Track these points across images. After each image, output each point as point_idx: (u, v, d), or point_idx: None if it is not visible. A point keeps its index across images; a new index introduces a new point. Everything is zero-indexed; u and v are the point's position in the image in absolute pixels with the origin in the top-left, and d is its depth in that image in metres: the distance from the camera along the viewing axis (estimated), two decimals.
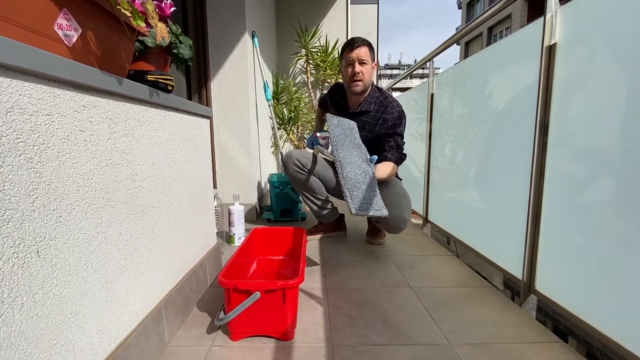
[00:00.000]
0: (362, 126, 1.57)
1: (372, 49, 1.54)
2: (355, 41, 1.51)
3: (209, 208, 1.24)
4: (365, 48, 1.50)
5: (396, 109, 1.51)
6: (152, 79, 0.81)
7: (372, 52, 1.53)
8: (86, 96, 0.58)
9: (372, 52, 1.54)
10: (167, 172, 0.88)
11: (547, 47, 0.97)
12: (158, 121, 0.84)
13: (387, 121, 1.50)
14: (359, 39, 1.53)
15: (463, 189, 1.59)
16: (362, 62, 1.49)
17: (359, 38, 1.54)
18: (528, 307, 1.04)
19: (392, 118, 1.50)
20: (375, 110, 1.54)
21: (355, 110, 1.58)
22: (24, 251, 0.44)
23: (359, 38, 1.54)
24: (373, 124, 1.55)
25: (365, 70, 1.50)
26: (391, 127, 1.50)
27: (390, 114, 1.50)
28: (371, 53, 1.53)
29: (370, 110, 1.55)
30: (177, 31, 1.00)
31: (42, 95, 0.48)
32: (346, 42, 1.55)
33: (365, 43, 1.51)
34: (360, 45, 1.50)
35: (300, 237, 1.29)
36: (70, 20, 0.58)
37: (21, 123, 0.45)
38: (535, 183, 1.02)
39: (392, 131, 1.51)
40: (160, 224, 0.83)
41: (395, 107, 1.52)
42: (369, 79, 1.53)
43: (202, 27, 1.94)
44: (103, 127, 0.62)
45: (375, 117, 1.55)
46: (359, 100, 1.58)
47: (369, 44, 1.52)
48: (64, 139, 0.52)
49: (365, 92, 1.57)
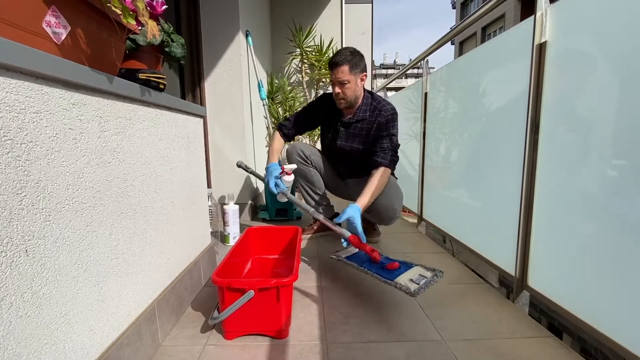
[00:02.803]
0: (358, 133, 1.57)
1: (357, 63, 1.47)
2: (336, 61, 1.46)
3: (203, 207, 1.24)
4: (345, 67, 1.45)
5: (389, 111, 1.51)
6: (143, 77, 0.80)
7: (355, 67, 1.46)
8: (75, 94, 0.57)
9: (357, 66, 1.47)
10: (160, 171, 0.88)
11: (538, 45, 0.98)
12: (150, 120, 0.83)
13: (381, 124, 1.50)
14: (342, 55, 1.46)
15: (457, 187, 1.60)
16: (342, 82, 1.46)
17: (342, 54, 1.47)
18: (521, 303, 1.05)
19: (386, 120, 1.50)
20: (370, 115, 1.54)
21: (351, 119, 1.57)
22: (12, 250, 0.44)
23: (342, 54, 1.47)
24: (368, 128, 1.55)
25: (346, 89, 1.48)
26: (384, 129, 1.50)
27: (383, 117, 1.50)
28: (354, 69, 1.46)
29: (365, 117, 1.55)
30: (169, 29, 1.00)
31: (30, 92, 0.48)
32: (330, 59, 1.50)
33: (345, 61, 1.45)
34: (341, 64, 1.45)
35: (295, 236, 1.29)
36: (59, 17, 0.57)
37: (8, 120, 0.44)
38: (527, 180, 1.03)
39: (386, 132, 1.50)
40: (153, 223, 0.83)
41: (388, 109, 1.51)
42: (352, 95, 1.50)
43: (195, 26, 1.93)
44: (93, 126, 0.61)
45: (370, 121, 1.54)
46: (351, 111, 1.57)
47: (351, 60, 1.45)
48: (52, 137, 0.52)
49: (354, 105, 1.55)
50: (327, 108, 1.65)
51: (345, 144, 1.61)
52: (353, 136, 1.59)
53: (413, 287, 0.88)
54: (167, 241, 0.91)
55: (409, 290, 0.86)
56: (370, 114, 1.54)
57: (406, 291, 0.87)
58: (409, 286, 0.88)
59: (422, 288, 0.87)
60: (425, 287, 0.87)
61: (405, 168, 2.35)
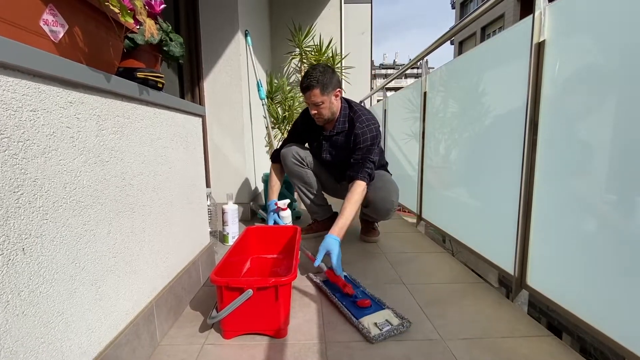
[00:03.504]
0: (339, 145, 1.59)
1: (327, 84, 1.44)
2: (307, 85, 1.44)
3: (202, 207, 1.24)
4: (316, 90, 1.43)
5: (365, 123, 1.49)
6: (141, 76, 0.80)
7: (325, 89, 1.44)
8: (73, 92, 0.57)
9: (327, 87, 1.44)
10: (158, 170, 0.88)
11: (537, 44, 0.98)
12: (148, 119, 0.83)
13: (357, 136, 1.48)
14: (310, 77, 1.43)
15: (456, 187, 1.60)
16: (316, 104, 1.46)
17: (310, 75, 1.43)
18: (520, 302, 1.05)
19: (362, 133, 1.48)
20: (348, 126, 1.55)
21: (332, 132, 1.58)
22: (9, 248, 0.44)
23: (310, 75, 1.43)
24: (345, 141, 1.56)
25: (322, 109, 1.48)
26: (361, 143, 1.47)
27: (359, 129, 1.48)
28: (324, 90, 1.44)
29: (345, 129, 1.56)
30: (168, 28, 1.00)
31: (27, 90, 0.48)
32: (300, 82, 1.49)
33: (316, 83, 1.42)
34: (311, 88, 1.43)
35: (293, 236, 1.29)
36: (57, 16, 0.57)
37: (5, 118, 0.44)
38: (526, 179, 1.03)
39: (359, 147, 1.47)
40: (151, 223, 0.83)
41: (364, 121, 1.49)
42: (327, 113, 1.50)
43: (194, 25, 1.93)
44: (91, 124, 0.61)
45: (348, 134, 1.55)
46: (331, 125, 1.59)
47: (320, 81, 1.42)
48: (49, 136, 0.51)
49: (332, 119, 1.55)
50: (308, 124, 1.66)
51: (329, 156, 1.64)
52: (336, 148, 1.61)
53: (374, 332, 0.86)
54: (166, 240, 0.91)
55: (369, 335, 0.85)
56: (349, 125, 1.55)
57: (366, 334, 0.85)
58: (371, 330, 0.86)
59: (383, 335, 0.85)
60: (386, 335, 0.86)
61: (405, 167, 2.35)
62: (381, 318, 0.92)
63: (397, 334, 0.88)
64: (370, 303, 0.99)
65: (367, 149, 1.47)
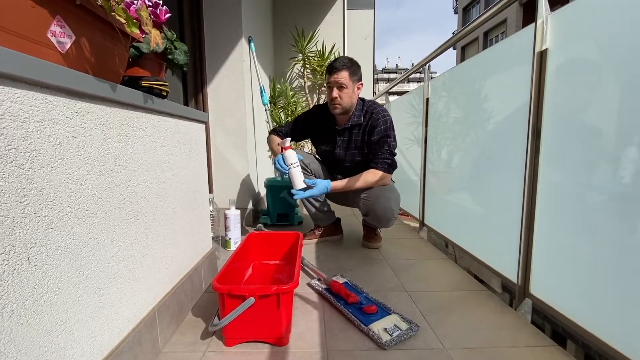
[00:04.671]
0: (353, 139, 1.58)
1: (355, 71, 1.50)
2: (336, 65, 1.48)
3: (205, 213, 1.24)
4: (345, 72, 1.47)
5: (380, 114, 1.51)
6: (146, 85, 0.81)
7: (354, 75, 1.49)
8: (79, 102, 0.58)
9: (355, 74, 1.50)
10: (162, 177, 0.88)
11: (539, 52, 0.98)
12: (152, 126, 0.84)
13: (374, 127, 1.50)
14: (342, 61, 1.49)
15: (458, 193, 1.60)
16: (341, 86, 1.47)
17: (341, 60, 1.49)
18: (523, 311, 1.04)
19: (378, 124, 1.50)
20: (364, 119, 1.55)
21: (347, 125, 1.57)
22: (14, 258, 0.44)
23: (341, 60, 1.49)
24: (362, 134, 1.56)
25: (344, 94, 1.49)
26: (377, 133, 1.50)
27: (375, 120, 1.50)
28: (352, 76, 1.49)
29: (360, 122, 1.55)
30: (172, 37, 1.01)
31: (34, 102, 0.49)
32: (329, 64, 1.52)
33: (346, 66, 1.47)
34: (341, 69, 1.46)
35: (295, 242, 1.29)
36: (64, 27, 0.58)
37: (13, 130, 0.45)
38: (529, 186, 1.03)
39: (377, 137, 1.50)
40: (154, 229, 0.83)
41: (379, 111, 1.52)
42: (348, 101, 1.51)
43: (198, 32, 1.95)
44: (96, 133, 0.62)
45: (364, 127, 1.55)
46: (346, 118, 1.58)
47: (350, 67, 1.48)
48: (56, 146, 0.52)
49: (348, 112, 1.56)
50: (320, 117, 1.65)
51: (343, 153, 1.62)
52: (350, 145, 1.60)
53: (385, 337, 0.86)
54: (169, 247, 0.92)
55: (381, 341, 0.85)
56: (364, 118, 1.55)
57: (378, 341, 0.85)
58: (382, 336, 0.86)
59: (394, 340, 0.85)
60: (397, 340, 0.86)
61: (407, 172, 2.35)
62: (389, 323, 0.92)
63: (407, 339, 0.88)
64: (376, 309, 0.99)
65: (384, 140, 1.49)
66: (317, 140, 1.72)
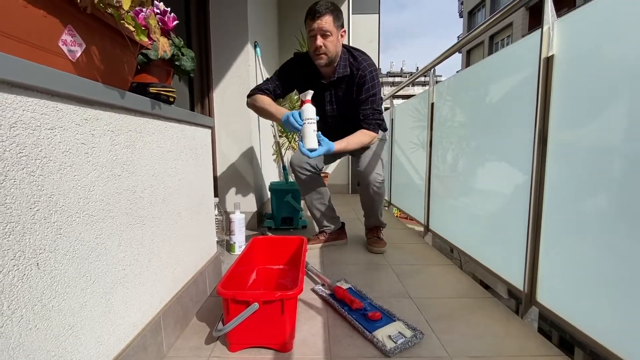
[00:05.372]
0: (341, 94, 1.49)
1: (339, 16, 1.37)
2: (318, 9, 1.32)
3: (210, 217, 1.25)
4: (329, 17, 1.33)
5: (367, 68, 1.41)
6: (154, 91, 0.82)
7: (337, 20, 1.36)
8: (89, 109, 0.59)
9: (339, 18, 1.37)
10: (168, 182, 0.89)
11: (545, 58, 0.98)
12: (159, 132, 0.85)
13: (362, 85, 1.41)
14: (323, 4, 1.34)
15: (463, 197, 1.59)
16: (325, 33, 1.34)
17: (323, 4, 1.34)
18: (530, 319, 1.03)
19: (366, 81, 1.41)
20: (350, 72, 1.44)
21: (333, 78, 1.45)
22: (24, 263, 0.45)
23: (323, 4, 1.34)
24: (347, 88, 1.46)
25: (329, 42, 1.36)
26: (364, 92, 1.42)
27: (362, 77, 1.41)
28: (336, 21, 1.35)
29: (347, 73, 1.44)
30: (180, 43, 1.02)
31: (45, 110, 0.49)
32: (309, 8, 1.36)
33: (329, 10, 1.33)
34: (324, 13, 1.32)
35: (300, 246, 1.29)
36: (75, 36, 0.59)
37: (24, 137, 0.46)
38: (535, 192, 1.02)
39: (365, 95, 1.42)
40: (160, 234, 0.84)
41: (365, 66, 1.41)
42: (333, 50, 1.38)
43: (205, 37, 1.97)
44: (105, 140, 0.63)
45: (350, 81, 1.44)
46: (331, 70, 1.45)
47: (333, 11, 1.35)
48: (65, 152, 0.53)
49: (333, 62, 1.43)
50: (303, 68, 1.50)
51: (333, 108, 1.53)
52: (339, 99, 1.51)
53: (390, 345, 0.85)
54: (174, 251, 0.92)
55: (385, 348, 0.84)
56: (350, 69, 1.45)
57: (382, 348, 0.85)
58: (386, 344, 0.86)
59: (399, 348, 0.85)
60: (402, 348, 0.85)
61: (412, 177, 2.34)
62: (394, 330, 0.92)
63: (411, 346, 0.87)
64: (380, 315, 0.98)
65: (372, 99, 1.43)
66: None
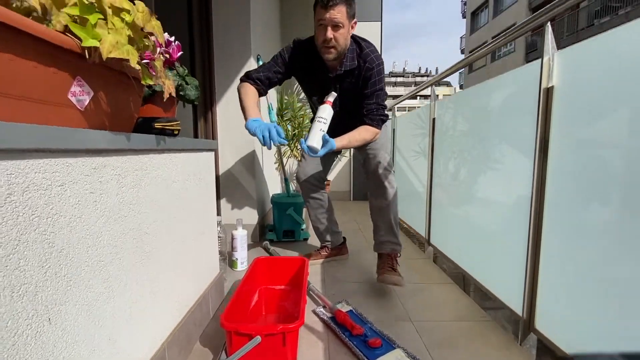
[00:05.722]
0: (346, 87, 1.39)
1: (351, 4, 1.24)
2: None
3: (213, 236, 1.27)
4: (343, 7, 1.20)
5: (374, 62, 1.32)
6: (159, 127, 0.84)
7: (350, 9, 1.24)
8: (97, 158, 0.60)
9: (352, 7, 1.25)
10: (173, 212, 0.91)
11: (545, 89, 0.99)
12: (164, 165, 0.87)
13: (368, 79, 1.33)
14: None
15: (464, 213, 1.60)
16: (337, 25, 1.21)
17: None
18: (528, 346, 1.04)
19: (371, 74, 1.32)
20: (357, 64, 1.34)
21: (339, 71, 1.34)
22: (37, 322, 0.47)
23: None
24: (354, 82, 1.37)
25: (339, 35, 1.24)
26: (370, 86, 1.33)
27: (369, 70, 1.32)
28: (349, 10, 1.23)
29: (354, 66, 1.34)
30: (184, 73, 1.04)
31: (56, 167, 0.51)
32: None
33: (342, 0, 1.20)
34: (337, 2, 1.19)
35: (301, 267, 1.31)
36: (83, 85, 0.61)
37: (36, 199, 0.47)
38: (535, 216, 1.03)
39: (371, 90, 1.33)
40: (164, 265, 0.86)
41: (373, 59, 1.32)
42: (344, 43, 1.27)
43: (208, 50, 1.99)
44: (112, 185, 0.65)
45: (357, 74, 1.35)
46: (337, 62, 1.34)
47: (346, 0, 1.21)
48: (75, 205, 0.55)
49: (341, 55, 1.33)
50: (305, 58, 1.38)
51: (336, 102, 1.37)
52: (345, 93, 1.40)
53: None
54: (178, 279, 0.94)
55: None
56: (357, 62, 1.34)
57: None
58: None
59: None
60: None
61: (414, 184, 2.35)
62: (393, 359, 0.93)
63: None
64: (381, 342, 1.00)
65: (377, 94, 1.35)
66: (307, 87, 1.51)
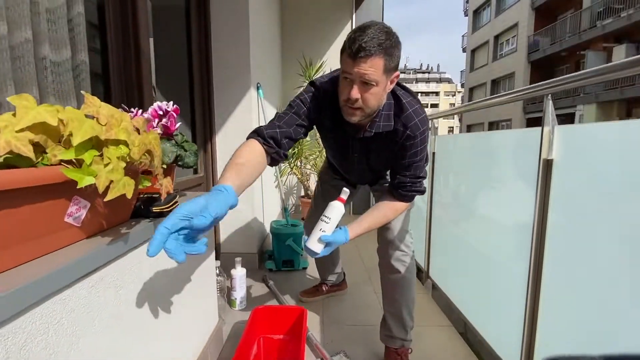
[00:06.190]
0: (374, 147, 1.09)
1: (392, 55, 0.88)
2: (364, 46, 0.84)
3: (211, 284, 1.27)
4: (379, 59, 0.86)
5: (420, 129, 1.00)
6: (157, 211, 0.83)
7: (390, 61, 0.89)
8: (94, 275, 0.60)
9: (392, 59, 0.89)
10: (175, 289, 0.91)
11: (545, 160, 0.99)
12: None
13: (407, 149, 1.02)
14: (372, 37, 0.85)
15: (463, 255, 1.61)
16: (367, 82, 0.88)
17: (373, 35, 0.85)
18: None
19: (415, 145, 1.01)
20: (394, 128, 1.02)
21: (368, 134, 1.04)
22: None
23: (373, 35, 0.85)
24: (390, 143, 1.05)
25: (370, 95, 0.91)
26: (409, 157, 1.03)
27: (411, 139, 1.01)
28: (388, 62, 0.88)
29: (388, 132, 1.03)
30: (182, 140, 1.04)
31: (55, 306, 0.51)
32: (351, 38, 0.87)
33: (381, 49, 0.85)
34: (372, 54, 0.85)
35: (300, 317, 1.31)
36: (79, 202, 0.60)
37: (33, 346, 0.47)
38: (534, 277, 1.03)
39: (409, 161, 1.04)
40: (162, 339, 0.86)
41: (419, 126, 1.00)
42: (375, 105, 0.95)
43: (207, 80, 1.98)
44: (110, 293, 0.65)
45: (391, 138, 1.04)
46: (366, 122, 1.03)
47: (387, 49, 0.86)
48: (71, 334, 0.55)
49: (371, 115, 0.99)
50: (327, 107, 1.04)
51: (361, 158, 1.15)
52: (371, 152, 1.12)
53: None
54: (178, 346, 0.94)
55: None
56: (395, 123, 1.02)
57: None
58: None
59: None
60: None
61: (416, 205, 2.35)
62: None
63: None
64: None
65: (417, 165, 1.05)
66: (324, 135, 1.21)
